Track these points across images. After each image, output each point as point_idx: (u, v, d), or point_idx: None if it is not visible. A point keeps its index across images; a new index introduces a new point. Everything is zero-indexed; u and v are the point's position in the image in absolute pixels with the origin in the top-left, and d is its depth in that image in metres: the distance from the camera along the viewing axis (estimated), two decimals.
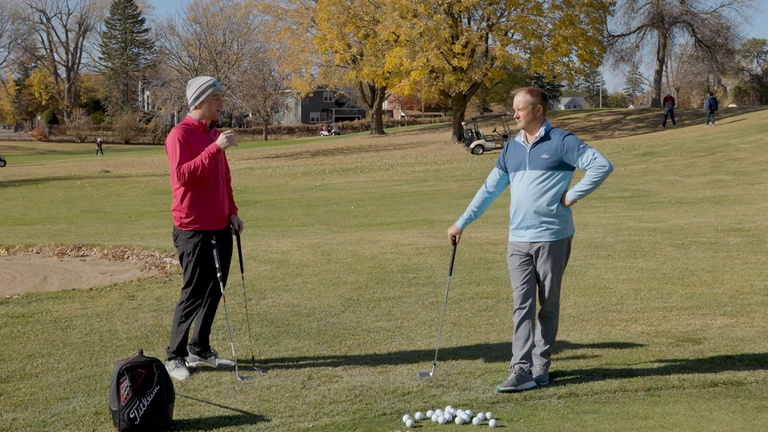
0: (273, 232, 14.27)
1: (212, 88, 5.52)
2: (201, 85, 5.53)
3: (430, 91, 45.45)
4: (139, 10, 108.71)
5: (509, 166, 5.34)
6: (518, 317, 5.26)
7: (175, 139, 5.42)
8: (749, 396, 4.87)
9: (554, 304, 5.30)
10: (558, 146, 5.13)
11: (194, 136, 5.49)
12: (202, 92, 5.51)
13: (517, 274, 5.28)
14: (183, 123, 5.57)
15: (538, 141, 5.20)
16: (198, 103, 5.53)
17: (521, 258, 5.26)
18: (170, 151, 5.45)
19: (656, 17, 58.29)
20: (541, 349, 5.28)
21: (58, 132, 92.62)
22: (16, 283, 9.49)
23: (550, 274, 5.20)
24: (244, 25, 72.68)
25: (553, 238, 5.17)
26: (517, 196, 5.25)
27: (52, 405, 4.88)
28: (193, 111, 5.57)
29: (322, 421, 4.54)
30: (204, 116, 5.56)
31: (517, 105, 5.23)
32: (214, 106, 5.56)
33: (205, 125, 5.57)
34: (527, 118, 5.21)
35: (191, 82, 5.59)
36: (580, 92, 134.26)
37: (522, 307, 5.25)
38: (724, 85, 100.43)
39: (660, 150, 30.27)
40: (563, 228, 5.20)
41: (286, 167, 38.39)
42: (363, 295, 8.05)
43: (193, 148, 5.43)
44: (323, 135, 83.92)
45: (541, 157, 5.15)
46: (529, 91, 5.21)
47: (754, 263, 9.33)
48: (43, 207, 22.25)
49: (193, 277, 5.54)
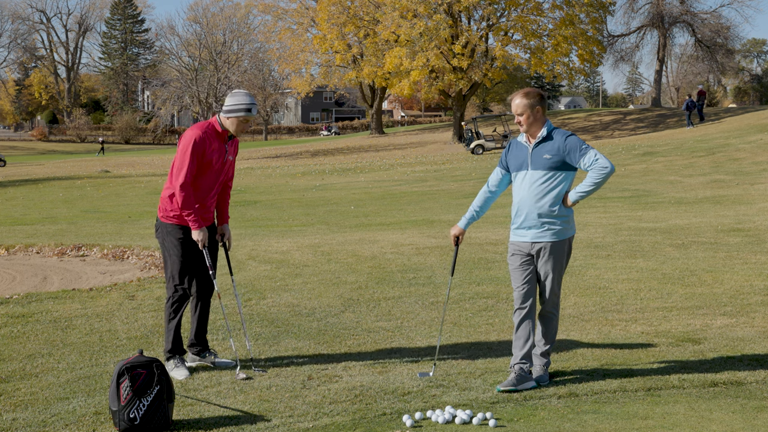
0: (273, 232, 14.27)
1: (245, 113, 5.54)
2: (241, 103, 5.55)
3: (430, 91, 45.43)
4: (139, 10, 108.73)
5: (511, 166, 5.33)
6: (518, 317, 5.26)
7: (191, 140, 5.45)
8: (749, 396, 4.86)
9: (554, 305, 5.30)
10: (560, 147, 5.12)
11: (211, 141, 5.52)
12: (236, 110, 5.54)
13: (517, 274, 5.27)
14: (208, 124, 5.59)
15: (540, 141, 5.19)
16: (229, 115, 5.56)
17: (522, 258, 5.26)
18: (182, 150, 5.48)
19: (656, 17, 58.24)
20: (541, 349, 5.28)
21: (58, 132, 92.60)
22: (16, 283, 9.49)
23: (551, 275, 5.20)
24: (244, 25, 72.60)
25: (554, 238, 5.17)
26: (519, 196, 5.25)
27: (52, 405, 4.88)
28: (222, 115, 5.60)
29: (322, 421, 4.54)
30: (227, 127, 5.60)
31: (516, 110, 5.22)
32: (239, 127, 5.60)
33: (225, 135, 5.62)
34: (528, 122, 5.20)
35: (236, 92, 5.62)
36: (580, 92, 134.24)
37: (522, 307, 5.24)
38: (724, 85, 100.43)
39: (660, 150, 30.27)
40: (565, 228, 5.20)
41: (286, 167, 38.39)
42: (363, 295, 8.05)
43: (206, 154, 5.48)
44: (323, 135, 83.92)
45: (543, 157, 5.15)
46: (525, 94, 5.20)
47: (754, 263, 9.33)
48: (43, 207, 22.25)
49: (173, 268, 5.58)
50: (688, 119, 39.28)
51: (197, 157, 5.45)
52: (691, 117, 39.40)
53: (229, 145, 5.66)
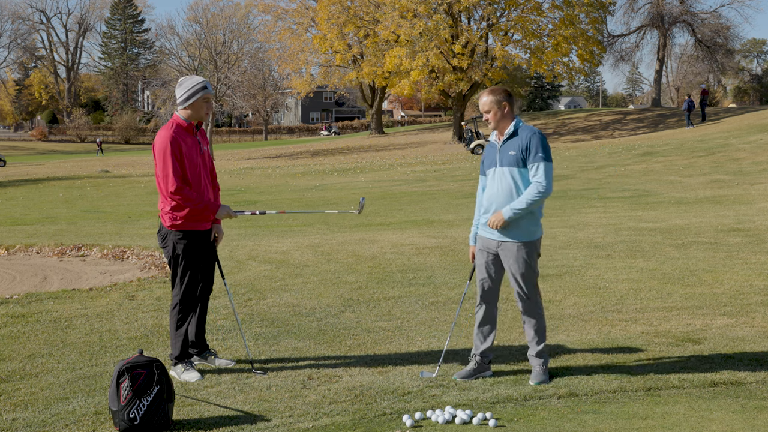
0: (273, 232, 14.27)
1: (204, 90, 5.41)
2: (193, 86, 5.43)
3: (430, 91, 45.45)
4: (139, 10, 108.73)
5: (485, 165, 5.39)
6: (479, 312, 5.40)
7: (166, 143, 5.31)
8: (749, 396, 4.86)
9: (533, 307, 5.28)
10: (523, 143, 5.16)
11: (183, 139, 5.39)
12: (193, 93, 5.41)
13: (482, 270, 5.36)
14: (173, 124, 5.43)
15: (507, 138, 5.24)
16: (188, 104, 5.43)
17: (488, 255, 5.33)
18: (159, 155, 5.34)
19: (656, 17, 58.24)
20: (534, 350, 5.28)
21: (58, 132, 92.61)
22: (16, 283, 9.49)
23: (520, 275, 5.21)
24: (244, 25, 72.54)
25: (520, 238, 5.19)
26: (490, 192, 5.30)
27: (52, 405, 4.88)
28: (181, 111, 5.47)
29: (322, 421, 4.54)
30: (192, 117, 5.47)
31: (483, 108, 5.28)
32: (204, 108, 5.46)
33: (193, 127, 5.49)
34: (496, 118, 5.25)
35: (182, 81, 5.49)
36: (580, 92, 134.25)
37: (482, 302, 5.36)
38: (724, 85, 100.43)
39: (660, 150, 30.26)
40: (531, 230, 5.21)
41: (286, 167, 38.39)
42: (363, 295, 8.05)
43: (183, 152, 5.35)
44: (323, 135, 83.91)
45: (509, 154, 5.19)
46: (491, 91, 5.26)
47: (754, 263, 9.33)
48: (43, 207, 22.25)
49: (183, 278, 5.48)
50: (688, 119, 39.31)
51: (177, 157, 5.32)
52: (690, 117, 39.42)
53: (199, 135, 5.55)
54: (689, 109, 39.03)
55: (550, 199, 19.08)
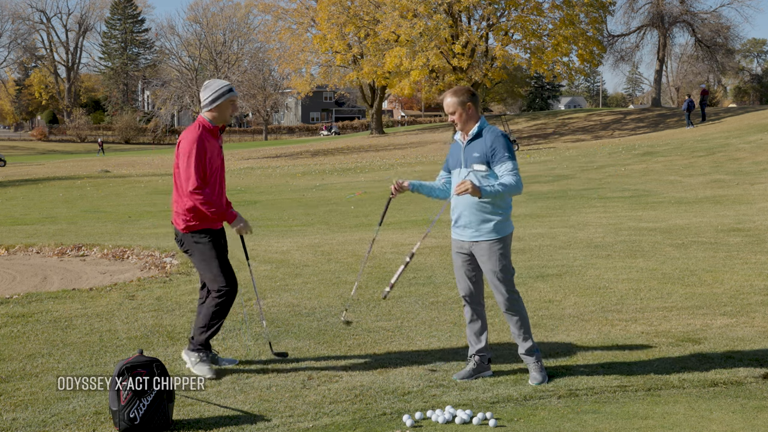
0: (273, 232, 14.27)
1: (230, 93, 5.50)
2: (220, 88, 5.49)
3: (430, 91, 45.40)
4: (139, 10, 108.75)
5: (450, 164, 5.39)
6: (466, 313, 5.43)
7: (192, 144, 5.35)
8: (749, 396, 4.86)
9: (514, 301, 5.24)
10: (487, 145, 5.15)
11: (209, 140, 5.46)
12: (220, 95, 5.47)
13: (459, 273, 5.38)
14: (200, 125, 5.47)
15: (471, 139, 5.24)
16: (214, 106, 5.48)
17: (462, 257, 5.34)
18: (184, 155, 5.37)
19: (656, 17, 58.25)
20: (524, 347, 5.27)
21: (58, 132, 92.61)
22: (16, 283, 9.49)
23: (494, 274, 5.21)
24: (244, 25, 72.72)
25: (490, 237, 5.20)
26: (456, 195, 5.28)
27: (52, 405, 4.88)
28: (206, 113, 5.52)
29: (322, 421, 4.54)
30: (217, 120, 5.53)
31: (448, 109, 5.25)
32: (229, 110, 5.54)
33: (217, 130, 5.56)
34: (461, 119, 5.23)
35: (208, 83, 5.55)
36: (580, 92, 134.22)
37: (466, 303, 5.39)
38: (724, 85, 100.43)
39: (660, 150, 30.26)
40: (501, 227, 5.20)
41: (286, 167, 38.38)
42: (363, 295, 8.05)
43: (208, 153, 5.40)
44: (323, 135, 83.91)
45: (473, 155, 5.19)
46: (454, 92, 5.23)
47: (754, 263, 9.33)
48: (43, 207, 22.25)
49: (213, 271, 5.47)
50: (688, 119, 39.31)
51: (202, 159, 5.36)
52: (690, 117, 39.43)
53: (219, 139, 5.62)
54: (689, 109, 39.04)
55: (550, 199, 19.08)
